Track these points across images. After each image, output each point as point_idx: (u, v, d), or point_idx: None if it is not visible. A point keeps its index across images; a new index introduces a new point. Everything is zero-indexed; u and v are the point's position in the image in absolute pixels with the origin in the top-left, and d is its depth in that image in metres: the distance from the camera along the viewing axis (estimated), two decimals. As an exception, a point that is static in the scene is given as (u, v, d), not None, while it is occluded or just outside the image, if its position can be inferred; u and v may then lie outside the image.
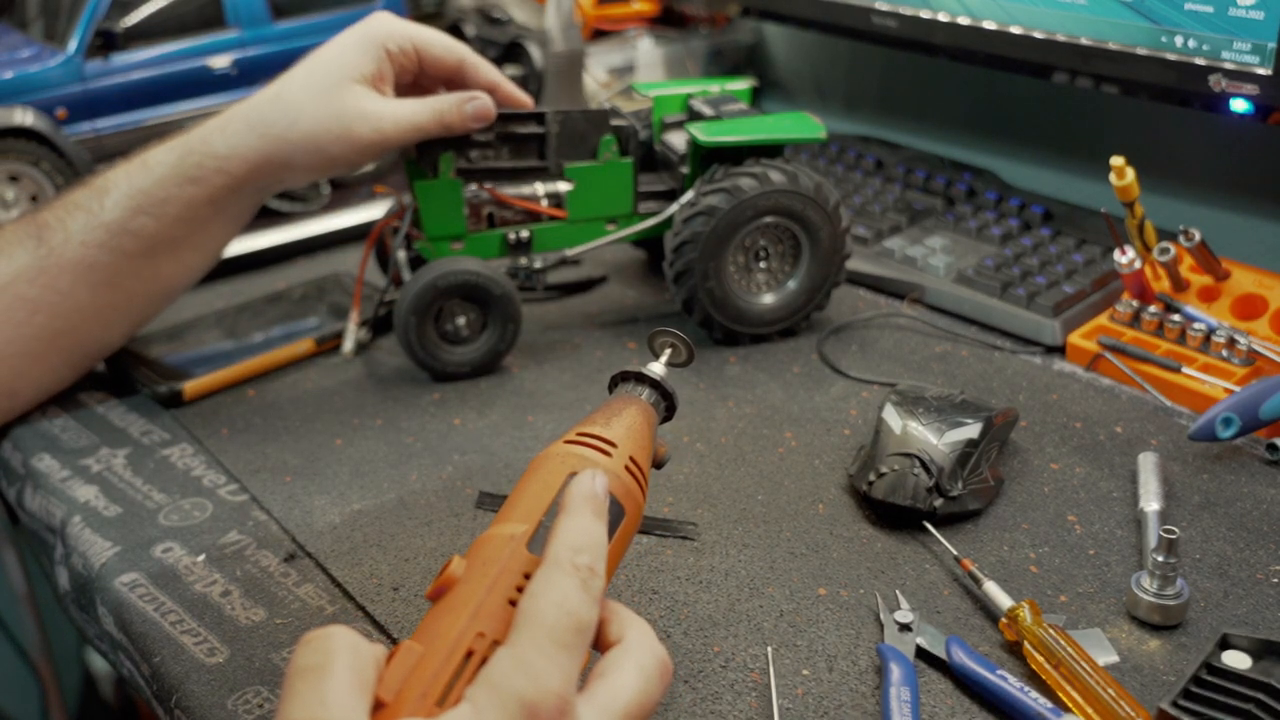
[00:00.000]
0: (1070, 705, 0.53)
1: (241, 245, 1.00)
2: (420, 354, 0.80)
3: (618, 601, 0.47)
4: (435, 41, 0.79)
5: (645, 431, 0.52)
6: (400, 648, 0.42)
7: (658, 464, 0.53)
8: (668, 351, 0.56)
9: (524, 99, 0.82)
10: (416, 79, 0.81)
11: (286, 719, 0.39)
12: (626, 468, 0.49)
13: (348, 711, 0.39)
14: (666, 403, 0.55)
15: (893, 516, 0.67)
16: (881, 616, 0.59)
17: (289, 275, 0.98)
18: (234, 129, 0.75)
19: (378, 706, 0.40)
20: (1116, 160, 0.82)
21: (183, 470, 0.73)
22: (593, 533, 0.45)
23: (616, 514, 0.47)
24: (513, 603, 0.43)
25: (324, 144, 0.75)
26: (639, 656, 0.44)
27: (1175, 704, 0.51)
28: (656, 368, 0.55)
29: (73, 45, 0.95)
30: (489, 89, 0.81)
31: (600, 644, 0.45)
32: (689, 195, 0.82)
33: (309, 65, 0.76)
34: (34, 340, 0.74)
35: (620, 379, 0.55)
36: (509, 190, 0.83)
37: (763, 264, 0.85)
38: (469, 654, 0.41)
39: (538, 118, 0.82)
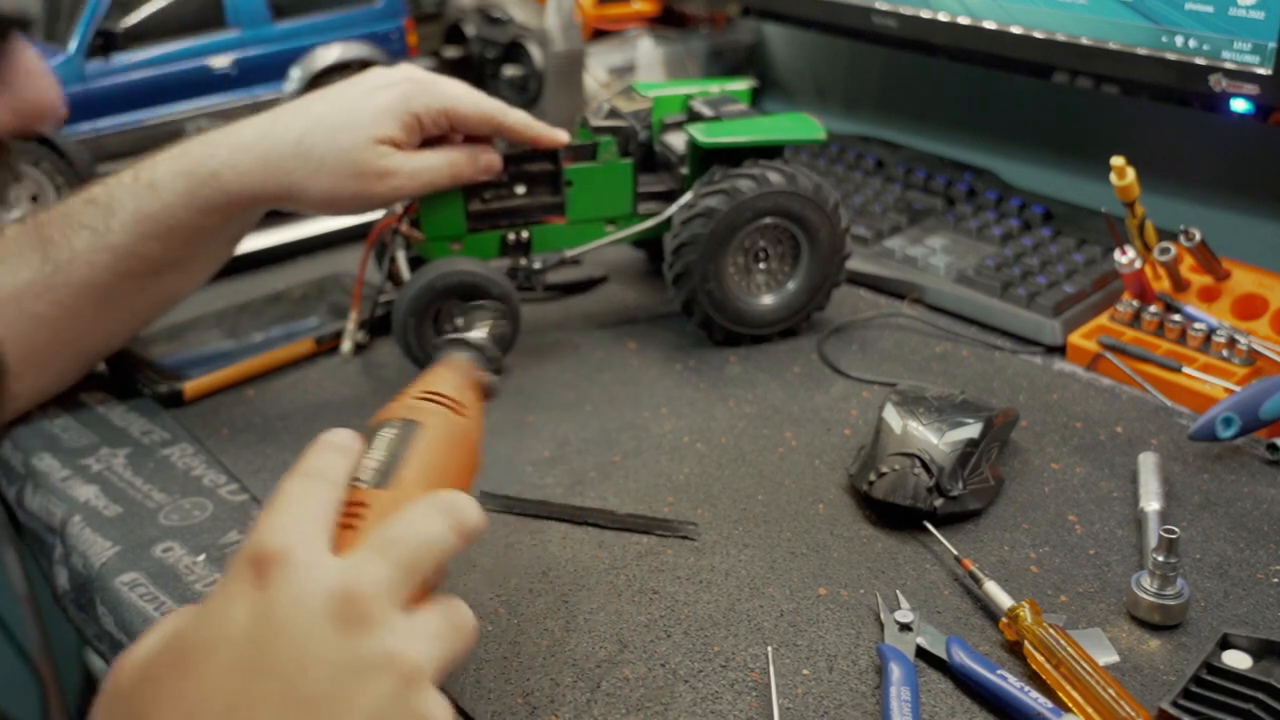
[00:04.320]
0: (1070, 705, 0.53)
1: (242, 245, 0.99)
2: (420, 355, 0.80)
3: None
4: (470, 112, 0.78)
5: (440, 372, 0.57)
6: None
7: (487, 395, 0.58)
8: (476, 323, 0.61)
9: (563, 139, 0.82)
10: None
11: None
12: (418, 397, 0.54)
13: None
14: (475, 349, 0.58)
15: (893, 516, 0.67)
16: (881, 616, 0.59)
17: (289, 275, 0.98)
18: (247, 166, 0.74)
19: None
20: (1116, 160, 0.82)
21: (183, 470, 0.73)
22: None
23: (409, 429, 0.52)
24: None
25: (340, 198, 0.75)
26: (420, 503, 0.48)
27: (1175, 704, 0.51)
28: (470, 335, 0.60)
29: (73, 45, 0.95)
30: (531, 143, 0.81)
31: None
32: (687, 197, 0.82)
33: (337, 117, 0.75)
34: (39, 350, 0.74)
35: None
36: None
37: (762, 265, 0.85)
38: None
39: (551, 156, 0.82)
